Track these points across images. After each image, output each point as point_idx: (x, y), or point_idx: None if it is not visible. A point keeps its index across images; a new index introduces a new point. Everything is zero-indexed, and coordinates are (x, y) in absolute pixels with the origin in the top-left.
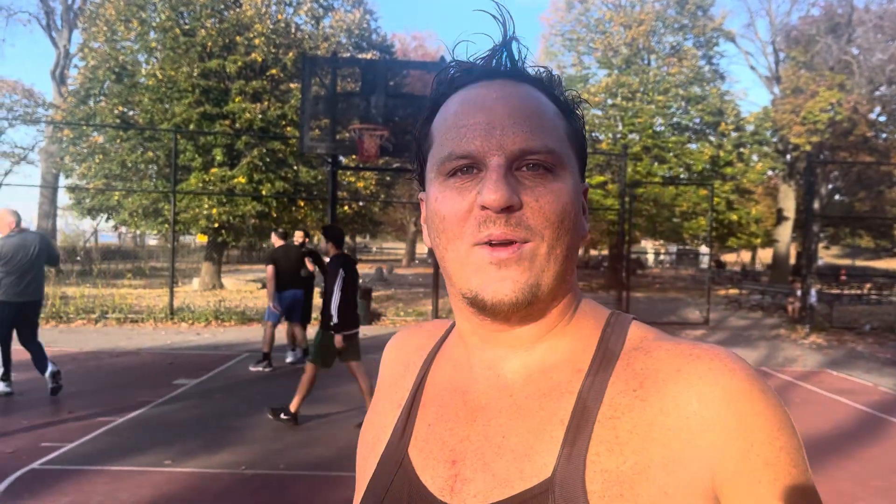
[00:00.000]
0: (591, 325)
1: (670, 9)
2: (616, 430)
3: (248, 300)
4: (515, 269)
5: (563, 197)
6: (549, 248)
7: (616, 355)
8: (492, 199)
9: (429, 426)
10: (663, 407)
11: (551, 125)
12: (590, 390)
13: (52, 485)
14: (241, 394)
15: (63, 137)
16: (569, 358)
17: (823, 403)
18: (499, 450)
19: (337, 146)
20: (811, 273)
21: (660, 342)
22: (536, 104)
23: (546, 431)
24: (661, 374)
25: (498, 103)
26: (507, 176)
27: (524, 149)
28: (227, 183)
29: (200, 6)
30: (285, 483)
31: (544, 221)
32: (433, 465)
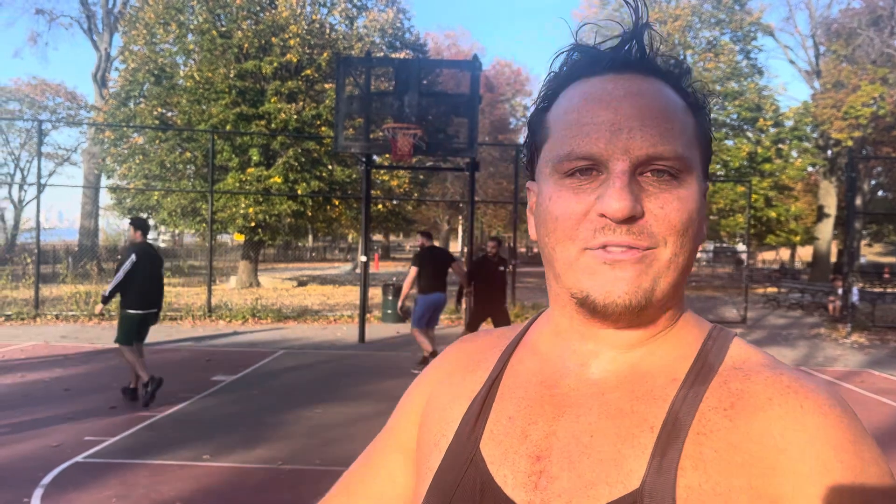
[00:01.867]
0: (692, 336)
1: (707, 3)
2: (702, 446)
3: (284, 298)
4: (632, 271)
5: (689, 204)
6: (671, 254)
7: (714, 370)
8: (614, 210)
9: (509, 419)
10: (749, 432)
11: (680, 127)
12: (683, 402)
13: (96, 477)
14: (278, 390)
15: (104, 139)
16: (666, 365)
17: (865, 404)
18: (586, 449)
19: (371, 145)
20: (853, 271)
21: (761, 367)
22: (666, 103)
23: (635, 437)
24: (753, 399)
25: (625, 101)
26: (631, 183)
27: (652, 154)
28: (263, 182)
29: (237, 8)
30: (321, 478)
31: (669, 229)
32: (513, 459)
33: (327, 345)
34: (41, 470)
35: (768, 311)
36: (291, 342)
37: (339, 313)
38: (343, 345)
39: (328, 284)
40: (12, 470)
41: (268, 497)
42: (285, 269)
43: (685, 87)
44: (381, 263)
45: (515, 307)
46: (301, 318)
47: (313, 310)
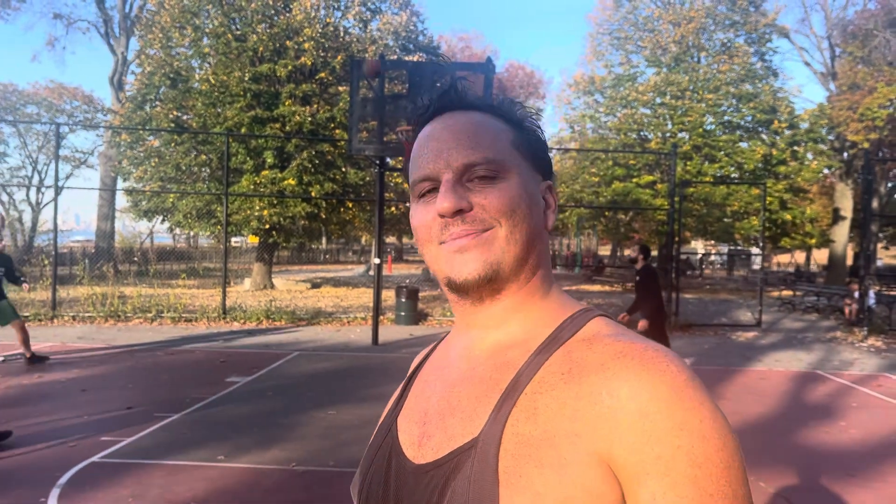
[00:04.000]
0: (554, 314)
1: (721, 5)
2: (535, 402)
3: (298, 300)
4: (475, 251)
5: (509, 192)
6: (507, 231)
7: (561, 342)
8: (443, 207)
9: (415, 397)
10: (579, 392)
11: (491, 138)
12: (527, 367)
13: (112, 477)
14: (292, 392)
15: (121, 142)
16: (525, 339)
17: (882, 408)
18: (453, 411)
19: (384, 148)
20: (869, 274)
21: (606, 338)
22: (476, 125)
23: (488, 397)
24: (588, 364)
25: (445, 132)
26: (456, 187)
27: (467, 162)
28: (277, 185)
29: (252, 12)
30: (335, 480)
31: (496, 213)
32: (410, 426)
33: (341, 346)
34: (58, 469)
35: (783, 315)
36: (305, 344)
37: (353, 315)
38: (356, 346)
39: (342, 286)
40: (30, 469)
41: (282, 498)
42: (299, 271)
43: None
44: (394, 266)
45: None
46: (315, 320)
47: (327, 311)
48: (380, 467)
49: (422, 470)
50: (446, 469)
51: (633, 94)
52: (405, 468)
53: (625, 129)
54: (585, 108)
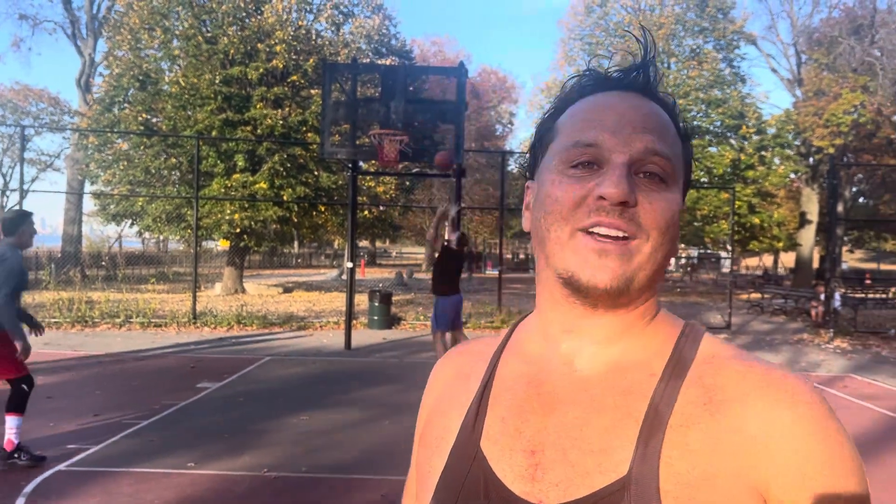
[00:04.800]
0: (666, 333)
1: (690, 12)
2: (686, 437)
3: (269, 304)
4: (616, 260)
5: (673, 206)
6: (652, 248)
7: (688, 365)
8: (612, 192)
9: (502, 420)
10: (730, 425)
11: (672, 141)
12: (662, 396)
13: (79, 486)
14: (264, 397)
15: (88, 144)
16: (643, 360)
17: (848, 408)
18: (576, 441)
19: (357, 151)
20: (835, 277)
21: (730, 360)
22: (663, 119)
23: (621, 429)
24: (727, 392)
25: (629, 110)
26: (629, 175)
27: (651, 148)
28: (248, 188)
29: (222, 14)
30: (307, 485)
31: (654, 223)
32: (509, 455)
33: (313, 351)
34: (24, 478)
35: (752, 317)
36: (277, 349)
37: (326, 320)
38: (329, 351)
39: (314, 291)
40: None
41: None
42: (271, 276)
43: (675, 117)
44: (367, 270)
45: (501, 313)
46: (287, 325)
47: (299, 316)
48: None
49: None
50: None
51: None
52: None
53: None
54: None
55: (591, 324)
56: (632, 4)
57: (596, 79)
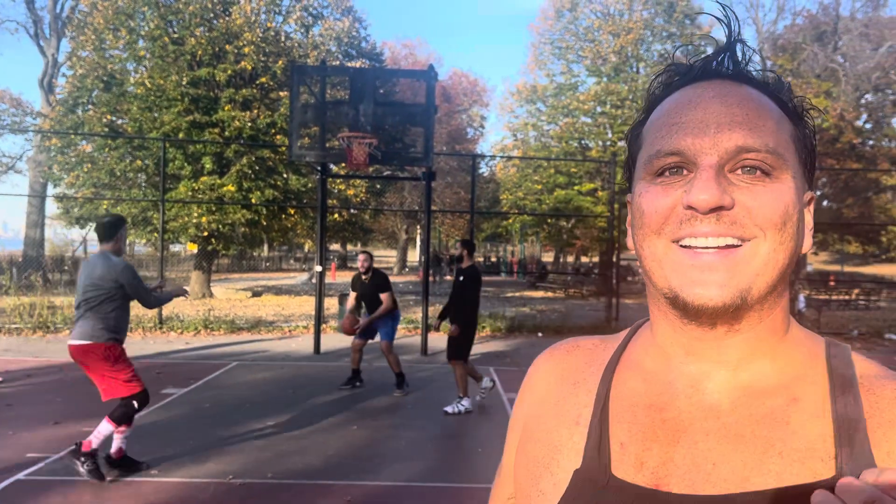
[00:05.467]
0: (806, 351)
1: (658, 17)
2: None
3: (237, 309)
4: (724, 273)
5: (785, 197)
6: (771, 249)
7: (853, 382)
8: (700, 199)
9: (621, 445)
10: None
11: (773, 125)
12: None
13: (38, 496)
14: (230, 403)
15: (51, 146)
16: (782, 384)
17: None
18: (709, 477)
19: (326, 154)
20: (800, 279)
21: (884, 380)
22: (757, 103)
23: (763, 464)
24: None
25: (714, 101)
26: (719, 176)
27: (741, 146)
28: (216, 191)
29: (189, 15)
30: (273, 492)
31: (764, 221)
32: None
33: (281, 356)
34: None
35: None
36: (245, 354)
37: (295, 324)
38: (297, 356)
39: (284, 295)
40: None
41: None
42: (239, 280)
43: (783, 97)
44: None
45: None
46: (255, 330)
47: (268, 321)
48: None
49: None
50: None
51: (575, 104)
52: None
53: (566, 137)
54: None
55: (714, 345)
56: (601, 9)
57: (678, 72)
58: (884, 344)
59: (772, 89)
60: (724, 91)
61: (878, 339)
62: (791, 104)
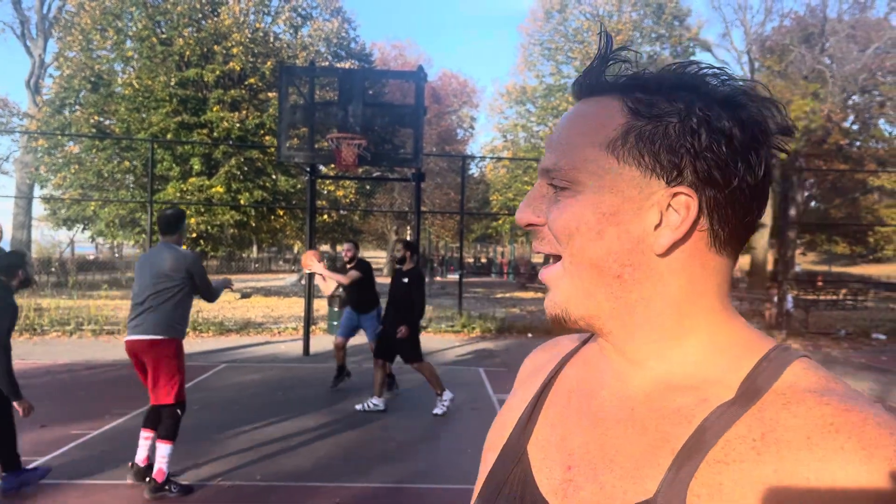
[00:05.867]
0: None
1: (647, 19)
2: (721, 475)
3: (226, 310)
4: (550, 290)
5: (567, 210)
6: (567, 263)
7: (759, 394)
8: (516, 217)
9: (551, 426)
10: (778, 470)
11: (579, 136)
12: (713, 424)
13: (25, 499)
14: (219, 405)
15: (38, 147)
16: (694, 385)
17: None
18: (610, 463)
19: (315, 155)
20: (788, 279)
21: (807, 393)
22: (579, 117)
23: (656, 455)
24: (788, 434)
25: (558, 125)
26: (538, 195)
27: (545, 167)
28: (204, 192)
29: (178, 15)
30: (263, 494)
31: (557, 233)
32: (549, 465)
33: (270, 358)
34: None
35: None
36: (233, 356)
37: (284, 326)
38: (287, 358)
39: (273, 296)
40: None
41: None
42: None
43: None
44: None
45: (462, 317)
46: (244, 331)
47: (257, 322)
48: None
49: None
50: None
51: (564, 105)
52: None
53: None
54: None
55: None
56: (590, 11)
57: None
58: (871, 343)
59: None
60: (572, 112)
61: (866, 339)
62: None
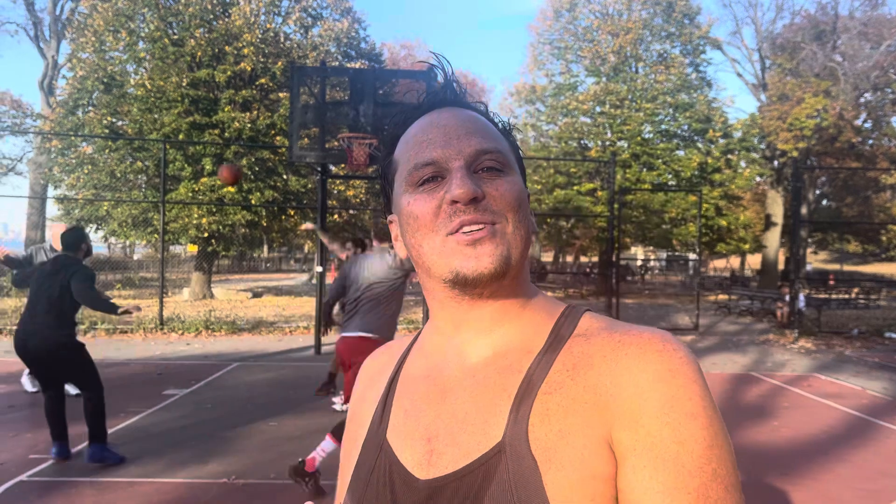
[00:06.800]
0: (544, 315)
1: (657, 17)
2: (547, 404)
3: (238, 310)
4: (489, 245)
5: (516, 187)
6: (513, 227)
7: (564, 340)
8: (460, 193)
9: (405, 412)
10: (586, 385)
11: (496, 136)
12: (536, 368)
13: (41, 497)
14: (232, 403)
15: (51, 148)
16: (522, 341)
17: (812, 407)
18: (462, 424)
19: (326, 155)
20: (799, 278)
21: (600, 330)
22: (481, 121)
23: (497, 404)
24: (592, 357)
25: (451, 121)
26: (469, 175)
27: (479, 150)
28: (216, 192)
29: (189, 16)
30: (276, 493)
31: (506, 206)
32: (411, 444)
33: (282, 356)
34: None
35: (719, 318)
36: (245, 354)
37: (295, 325)
38: (298, 356)
39: (284, 295)
40: None
41: None
42: (240, 281)
43: (491, 117)
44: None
45: None
46: (256, 330)
47: (268, 321)
48: (381, 489)
49: (437, 483)
50: (473, 479)
51: (574, 104)
52: (415, 487)
53: (566, 137)
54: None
55: (475, 316)
56: (600, 9)
57: (414, 108)
58: (884, 342)
59: (483, 113)
60: (454, 113)
61: (879, 338)
62: (500, 124)
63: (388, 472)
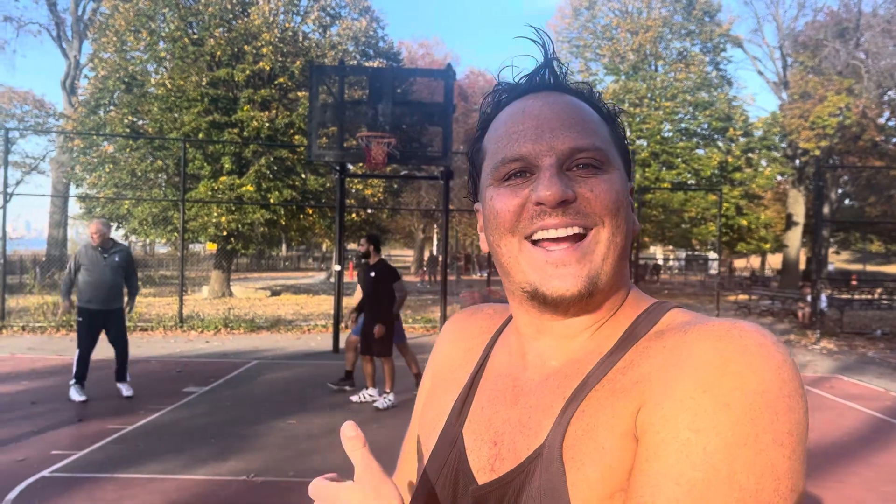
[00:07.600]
0: (626, 315)
1: (677, 15)
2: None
3: (257, 308)
4: (575, 266)
5: (616, 186)
6: (610, 234)
7: (637, 339)
8: (547, 195)
9: (482, 408)
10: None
11: (595, 128)
12: (596, 370)
13: (62, 492)
14: (251, 401)
15: (73, 147)
16: (598, 344)
17: (835, 409)
18: (523, 429)
19: (344, 154)
20: (821, 278)
21: (682, 325)
22: (580, 110)
23: (552, 408)
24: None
25: (545, 110)
26: (560, 174)
27: (574, 147)
28: (235, 191)
29: (209, 16)
30: (294, 490)
31: (602, 208)
32: (479, 445)
33: (301, 355)
34: (6, 485)
35: (739, 318)
36: (264, 352)
37: (314, 323)
38: (317, 354)
39: (302, 294)
40: None
41: None
42: (258, 279)
43: (597, 104)
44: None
45: None
46: (274, 328)
47: (287, 319)
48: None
49: (482, 491)
50: (513, 486)
51: None
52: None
53: None
54: None
55: (558, 325)
56: (619, 7)
57: (506, 89)
58: None
59: (587, 97)
60: (550, 101)
61: None
62: (605, 109)
63: (455, 471)
